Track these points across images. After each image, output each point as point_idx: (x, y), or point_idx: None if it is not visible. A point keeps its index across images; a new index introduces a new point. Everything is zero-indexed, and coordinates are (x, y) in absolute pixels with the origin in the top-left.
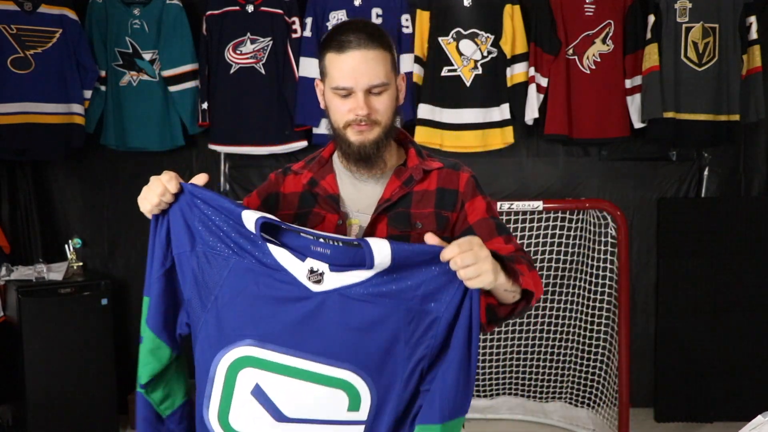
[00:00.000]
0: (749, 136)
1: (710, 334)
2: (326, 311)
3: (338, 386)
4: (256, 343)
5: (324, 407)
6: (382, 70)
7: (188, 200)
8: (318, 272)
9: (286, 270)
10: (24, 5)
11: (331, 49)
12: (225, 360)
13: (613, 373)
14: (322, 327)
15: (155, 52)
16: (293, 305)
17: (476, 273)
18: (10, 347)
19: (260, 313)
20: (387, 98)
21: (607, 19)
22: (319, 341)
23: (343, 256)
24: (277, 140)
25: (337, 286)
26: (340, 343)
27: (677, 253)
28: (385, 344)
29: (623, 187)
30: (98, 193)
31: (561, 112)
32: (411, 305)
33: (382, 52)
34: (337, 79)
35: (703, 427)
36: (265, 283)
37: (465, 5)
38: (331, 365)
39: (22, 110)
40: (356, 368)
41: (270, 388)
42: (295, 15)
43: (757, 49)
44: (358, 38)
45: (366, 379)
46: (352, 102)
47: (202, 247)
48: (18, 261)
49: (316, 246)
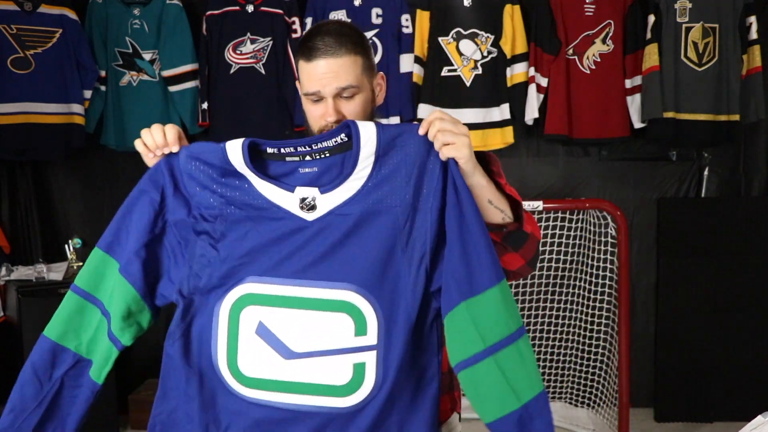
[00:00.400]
0: (749, 136)
1: (710, 334)
2: (324, 235)
3: (340, 309)
4: (255, 280)
5: (330, 336)
6: (351, 74)
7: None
8: (309, 199)
9: (278, 206)
10: (24, 5)
11: (302, 56)
12: (226, 303)
13: (613, 373)
14: (322, 253)
15: (155, 52)
16: (291, 238)
17: (452, 139)
18: (10, 347)
19: (259, 254)
20: (358, 102)
21: (607, 19)
22: (319, 267)
23: (332, 168)
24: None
25: (331, 208)
26: (339, 264)
27: (677, 253)
28: (383, 254)
29: (623, 187)
30: (98, 193)
31: (561, 112)
32: (403, 207)
33: (351, 56)
34: (306, 85)
35: (703, 427)
36: (261, 225)
37: (465, 5)
38: (331, 288)
39: (22, 110)
40: (356, 286)
41: (274, 324)
42: (295, 15)
43: (757, 49)
44: (326, 44)
45: (368, 297)
46: (322, 107)
47: (197, 209)
48: (18, 261)
49: (304, 167)
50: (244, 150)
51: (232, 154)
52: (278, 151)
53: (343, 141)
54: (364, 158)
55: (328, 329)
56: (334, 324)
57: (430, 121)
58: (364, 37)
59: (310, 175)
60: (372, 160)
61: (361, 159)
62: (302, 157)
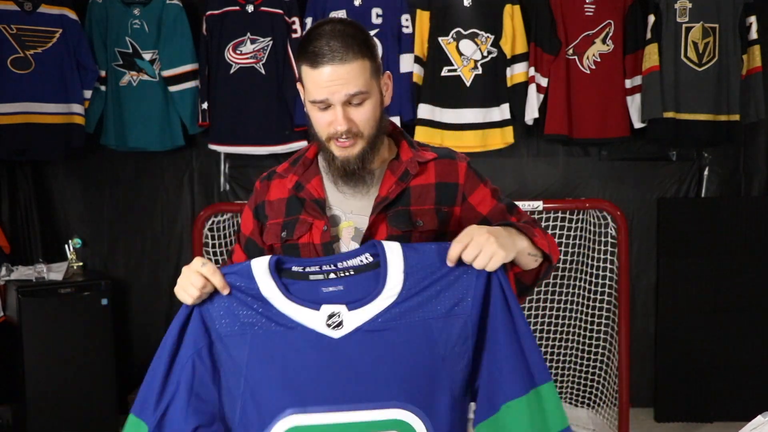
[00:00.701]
0: (749, 136)
1: (710, 334)
2: (357, 354)
3: (392, 428)
4: (298, 410)
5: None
6: (360, 80)
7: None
8: (336, 316)
9: (303, 326)
10: (24, 5)
11: (305, 61)
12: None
13: (613, 373)
14: (357, 372)
15: (155, 52)
16: (322, 359)
17: (488, 257)
18: (10, 347)
19: (292, 379)
20: (368, 107)
21: (607, 19)
22: (358, 387)
23: (359, 286)
24: (277, 140)
25: (359, 324)
26: (379, 382)
27: (677, 253)
28: (424, 367)
29: (623, 187)
30: (98, 193)
31: (561, 112)
32: (438, 316)
33: (359, 61)
34: (313, 92)
35: (703, 427)
36: (288, 346)
37: (465, 5)
38: (377, 408)
39: (22, 110)
40: (403, 403)
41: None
42: (295, 15)
43: (757, 49)
44: (332, 49)
45: (416, 412)
46: (330, 115)
47: (215, 332)
48: (18, 261)
49: (328, 286)
50: (271, 268)
51: (257, 272)
52: (302, 269)
53: (369, 261)
54: (392, 277)
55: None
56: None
57: (457, 256)
58: (370, 36)
59: (336, 294)
60: (401, 279)
61: (389, 277)
62: (326, 275)
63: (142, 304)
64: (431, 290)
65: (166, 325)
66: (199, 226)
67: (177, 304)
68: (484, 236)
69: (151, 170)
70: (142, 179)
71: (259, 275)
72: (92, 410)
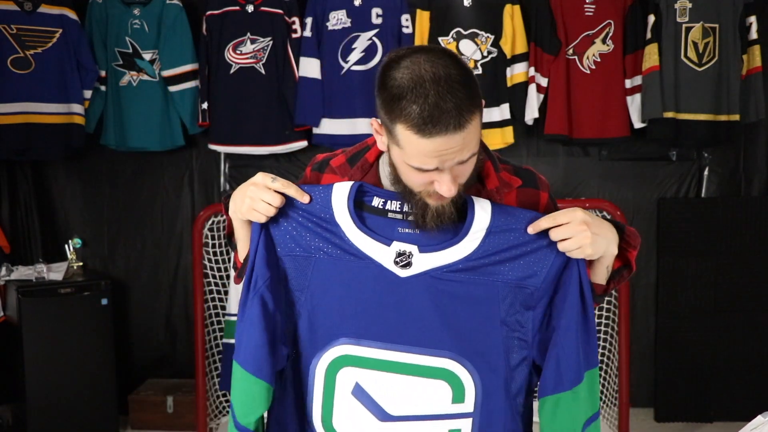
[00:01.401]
0: (749, 136)
1: (710, 334)
2: (419, 297)
3: (439, 377)
4: (352, 341)
5: (427, 401)
6: (474, 141)
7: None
8: (406, 254)
9: (371, 258)
10: (24, 5)
11: (408, 123)
12: (322, 362)
13: (613, 373)
14: (416, 315)
15: (155, 52)
16: (383, 295)
17: (575, 246)
18: (10, 347)
19: (350, 309)
20: (472, 162)
21: (607, 19)
22: (414, 330)
23: (435, 234)
24: (277, 140)
25: (427, 269)
26: (436, 329)
27: (677, 253)
28: (483, 324)
29: (623, 187)
30: (98, 193)
31: (561, 112)
32: (507, 281)
33: (474, 121)
34: (416, 160)
35: (703, 427)
36: (351, 276)
37: (465, 5)
38: (429, 355)
39: (22, 110)
40: (456, 355)
41: (371, 386)
42: (295, 15)
43: (757, 49)
44: (448, 118)
45: (467, 366)
46: (435, 176)
47: (282, 249)
48: (18, 261)
49: (405, 227)
50: (351, 194)
51: (336, 196)
52: (383, 205)
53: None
54: (474, 231)
55: (424, 395)
56: (431, 390)
57: (557, 226)
58: (472, 74)
59: (410, 235)
60: (482, 235)
61: (471, 232)
62: (405, 216)
63: (142, 304)
64: (508, 254)
65: (166, 325)
66: (199, 226)
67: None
68: (581, 226)
69: (151, 170)
70: (142, 179)
71: (336, 200)
72: (92, 410)
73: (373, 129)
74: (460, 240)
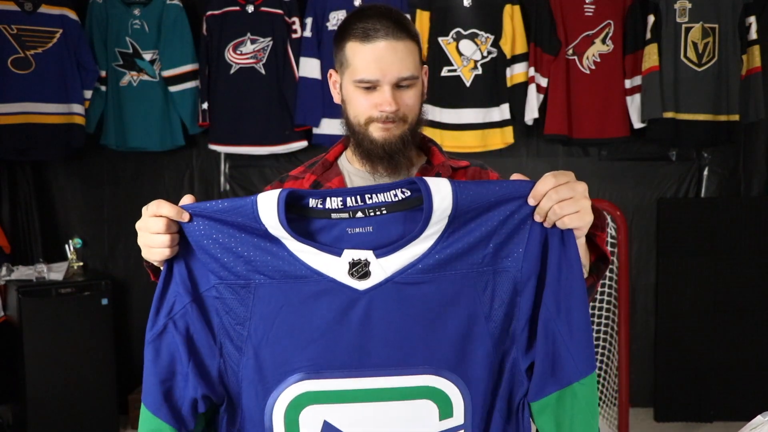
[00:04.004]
0: (749, 136)
1: (710, 334)
2: (384, 310)
3: (421, 396)
4: (310, 376)
5: (412, 425)
6: (411, 61)
7: (188, 228)
8: (362, 263)
9: (321, 273)
10: (24, 5)
11: (354, 37)
12: (279, 404)
13: (613, 373)
14: (383, 331)
15: (155, 53)
16: (341, 315)
17: (574, 209)
18: (10, 347)
19: (304, 337)
20: (415, 93)
21: (606, 19)
22: (383, 350)
23: (392, 228)
24: (277, 140)
25: (389, 275)
26: (409, 344)
27: (677, 253)
28: (462, 327)
29: (623, 187)
30: (98, 193)
31: (561, 112)
32: (482, 269)
33: (411, 42)
34: (362, 70)
35: (703, 427)
36: (301, 298)
37: (465, 5)
38: (405, 375)
39: (22, 110)
40: (436, 369)
41: (342, 423)
42: (295, 15)
43: (757, 49)
44: (386, 26)
45: (452, 378)
46: (377, 96)
47: (214, 281)
48: (18, 261)
49: (354, 227)
50: (280, 204)
51: (263, 209)
52: (322, 205)
53: (405, 197)
54: (436, 220)
55: (407, 419)
56: (414, 412)
57: (544, 193)
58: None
59: (363, 236)
60: (444, 223)
61: (432, 221)
62: (352, 213)
63: (142, 304)
64: (477, 235)
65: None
66: None
67: None
68: (582, 188)
69: (151, 170)
70: (142, 179)
71: (265, 212)
72: (92, 410)
73: (331, 81)
74: (420, 233)
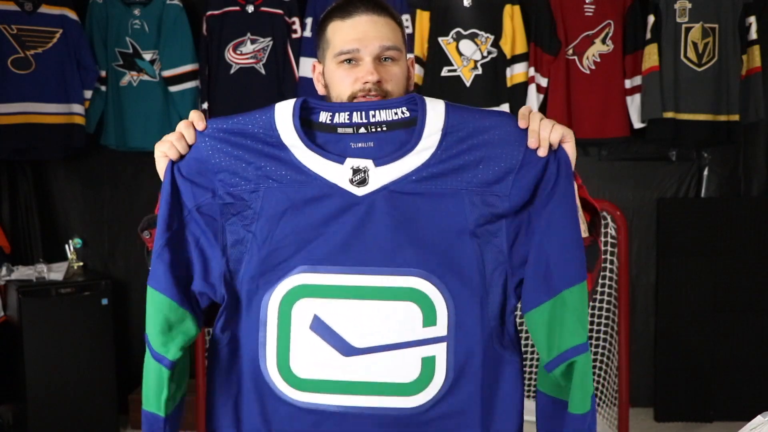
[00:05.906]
0: (749, 136)
1: (710, 334)
2: (379, 214)
3: (407, 298)
4: (306, 269)
5: (396, 328)
6: (393, 35)
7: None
8: (361, 171)
9: (323, 178)
10: (24, 5)
11: (335, 17)
12: (275, 297)
13: (613, 373)
14: (376, 233)
15: (155, 53)
16: (340, 217)
17: (560, 135)
18: (10, 347)
19: (306, 236)
20: (399, 69)
21: (606, 19)
22: (376, 250)
23: (391, 143)
24: None
25: (385, 183)
26: (400, 247)
27: (677, 253)
28: (450, 238)
29: (623, 187)
30: (98, 193)
31: (561, 112)
32: (471, 188)
33: (393, 21)
34: (342, 43)
35: (703, 427)
36: (304, 200)
37: (465, 5)
38: (394, 275)
39: (22, 110)
40: (423, 272)
41: (331, 318)
42: (295, 15)
43: (757, 49)
44: (366, 4)
45: (436, 283)
46: (359, 70)
47: (224, 187)
48: (18, 261)
49: (357, 141)
50: (296, 110)
51: (280, 115)
52: (330, 120)
53: (405, 116)
54: (429, 134)
55: (393, 320)
56: (399, 314)
57: (530, 114)
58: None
59: (364, 150)
60: (438, 137)
61: (425, 135)
62: (356, 129)
63: (142, 304)
64: (469, 157)
65: None
66: None
67: None
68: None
69: (151, 170)
70: (142, 179)
71: (281, 120)
72: (92, 410)
73: (315, 75)
74: (415, 145)
